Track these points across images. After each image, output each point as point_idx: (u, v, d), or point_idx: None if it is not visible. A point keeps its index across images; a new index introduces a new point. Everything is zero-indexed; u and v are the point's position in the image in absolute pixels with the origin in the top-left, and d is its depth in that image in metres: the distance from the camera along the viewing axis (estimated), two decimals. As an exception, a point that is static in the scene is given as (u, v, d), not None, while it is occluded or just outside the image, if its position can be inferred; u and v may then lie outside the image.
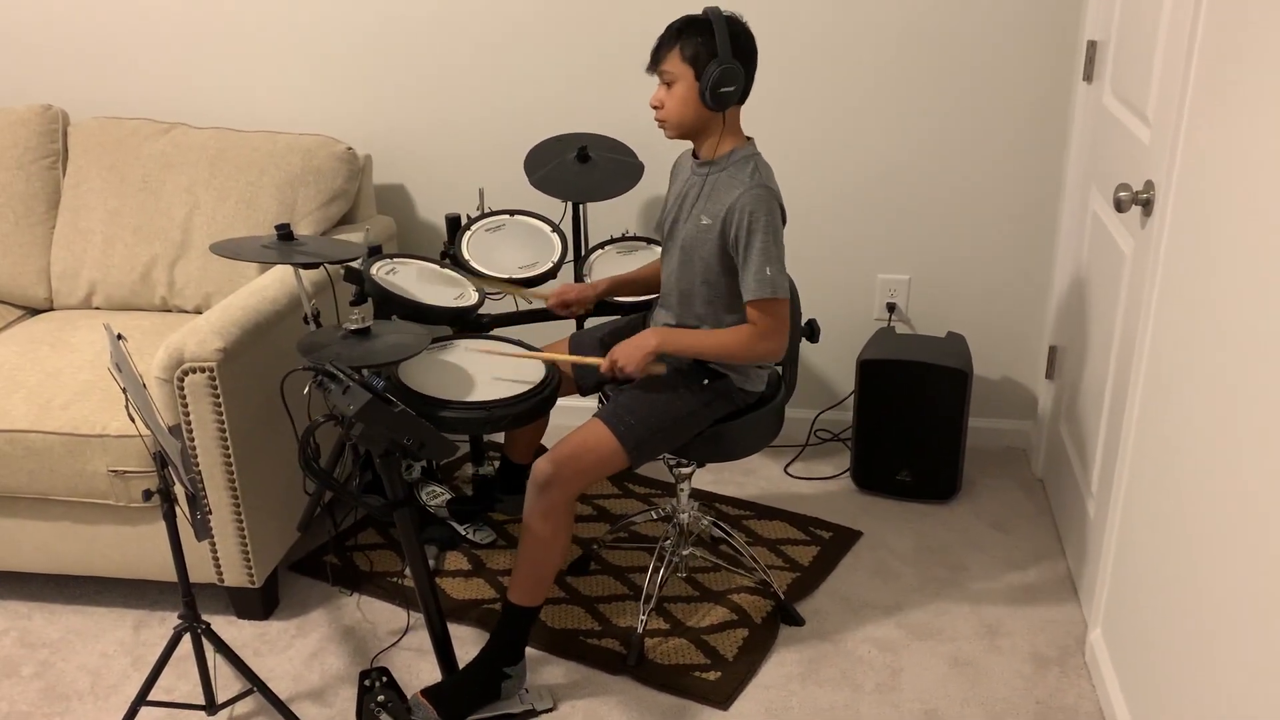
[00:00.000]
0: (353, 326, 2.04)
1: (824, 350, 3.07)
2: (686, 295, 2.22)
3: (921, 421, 2.81)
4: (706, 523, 2.57)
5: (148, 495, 1.91)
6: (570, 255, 2.68)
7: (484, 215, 2.68)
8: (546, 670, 2.29)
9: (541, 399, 2.16)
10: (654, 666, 2.28)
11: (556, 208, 2.74)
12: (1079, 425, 2.55)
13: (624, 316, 2.50)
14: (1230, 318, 1.61)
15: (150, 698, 2.03)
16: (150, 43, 3.05)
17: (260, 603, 2.45)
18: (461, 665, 2.18)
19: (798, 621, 2.42)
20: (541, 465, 2.08)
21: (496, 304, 2.59)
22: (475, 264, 2.54)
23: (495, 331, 2.47)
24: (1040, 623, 2.41)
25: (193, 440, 2.23)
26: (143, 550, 2.38)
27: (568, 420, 2.45)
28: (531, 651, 2.28)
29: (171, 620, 2.07)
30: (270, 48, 3.02)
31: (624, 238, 2.76)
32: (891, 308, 3.05)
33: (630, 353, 2.13)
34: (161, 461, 1.90)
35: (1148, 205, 2.01)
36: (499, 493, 2.71)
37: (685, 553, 2.52)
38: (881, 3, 2.76)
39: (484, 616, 2.42)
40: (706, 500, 2.86)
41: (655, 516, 2.69)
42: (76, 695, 2.26)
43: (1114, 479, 2.15)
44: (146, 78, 3.08)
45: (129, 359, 1.88)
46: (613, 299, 2.49)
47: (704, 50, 2.04)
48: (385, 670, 2.15)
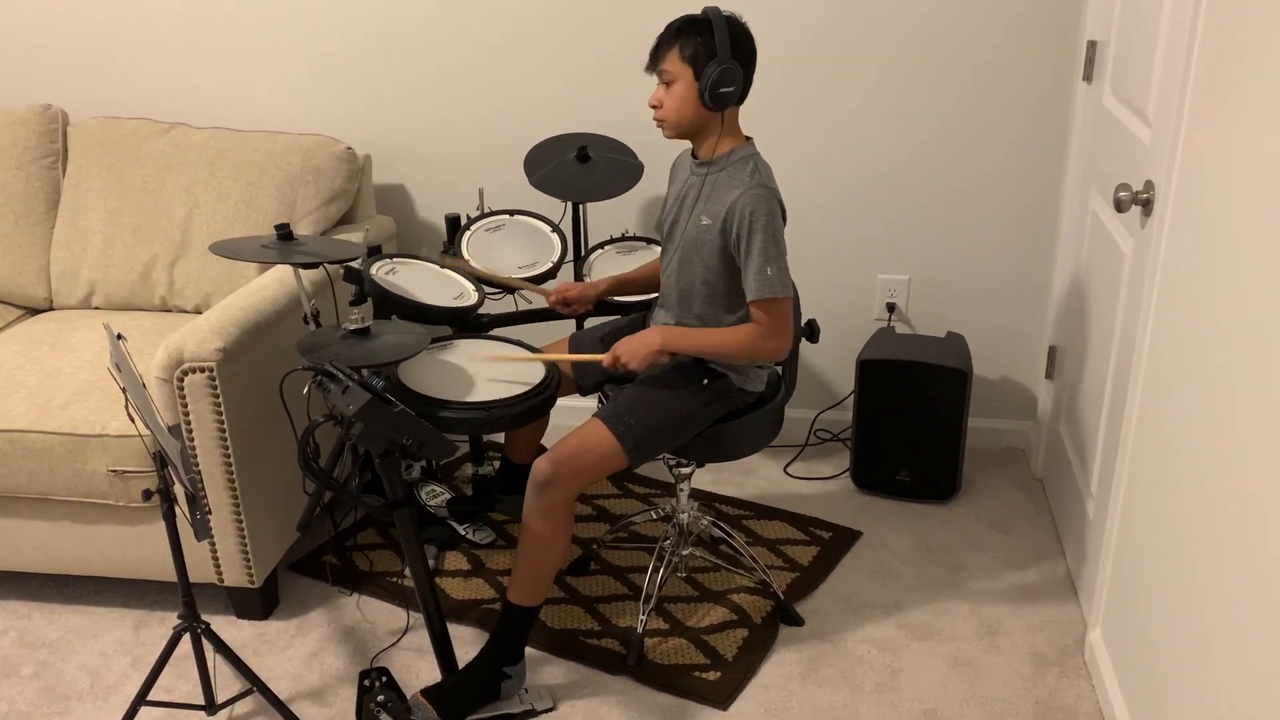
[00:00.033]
0: (352, 326, 2.04)
1: (824, 350, 3.07)
2: (686, 295, 2.22)
3: (921, 421, 2.81)
4: (706, 523, 2.57)
5: (147, 495, 1.91)
6: (570, 255, 2.68)
7: (484, 215, 2.68)
8: (546, 670, 2.29)
9: (541, 399, 2.16)
10: (654, 666, 2.28)
11: (556, 208, 2.74)
12: (1079, 425, 2.55)
13: (623, 316, 2.50)
14: (1230, 318, 1.61)
15: (150, 698, 2.03)
16: (150, 43, 3.05)
17: (260, 603, 2.45)
18: (461, 665, 2.18)
19: (797, 621, 2.42)
20: (541, 465, 2.08)
21: (496, 304, 2.59)
22: (475, 264, 2.54)
23: (495, 331, 2.47)
24: (1040, 623, 2.41)
25: (192, 440, 2.23)
26: (142, 550, 2.38)
27: (568, 420, 2.45)
28: (531, 651, 2.28)
29: (171, 620, 2.07)
30: (270, 48, 3.02)
31: (624, 238, 2.76)
32: (891, 308, 3.05)
33: (635, 349, 2.13)
34: (161, 461, 1.90)
35: (1148, 205, 2.01)
36: (499, 493, 2.71)
37: (685, 553, 2.52)
38: (881, 3, 2.76)
39: (484, 616, 2.42)
40: (706, 500, 2.86)
41: (655, 516, 2.69)
42: (76, 695, 2.26)
43: (1113, 479, 2.15)
44: (146, 78, 3.08)
45: (129, 359, 1.88)
46: (613, 299, 2.49)
47: (703, 50, 2.03)
48: (385, 670, 2.15)
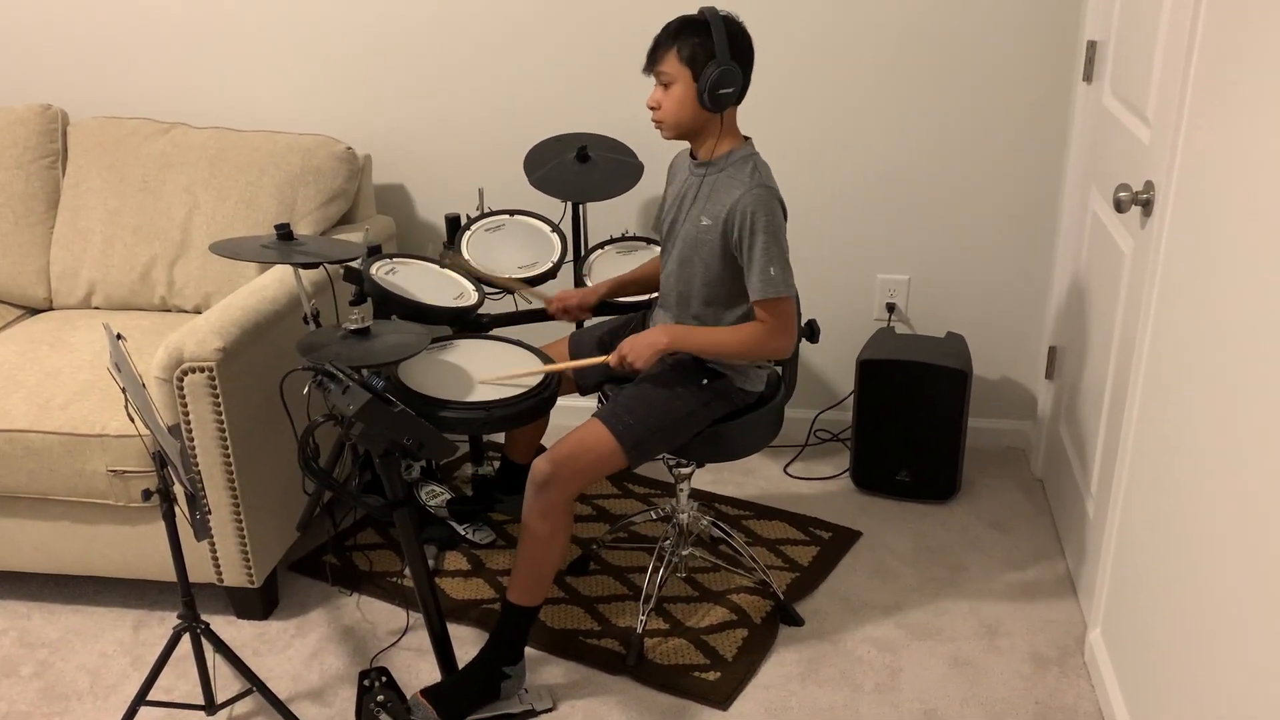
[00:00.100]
0: (352, 326, 2.04)
1: (824, 350, 3.07)
2: (685, 295, 2.22)
3: (921, 422, 2.81)
4: (706, 523, 2.57)
5: (147, 495, 1.91)
6: (570, 255, 2.68)
7: (484, 215, 2.68)
8: (546, 670, 2.28)
9: (541, 399, 2.16)
10: (653, 666, 2.28)
11: (556, 208, 2.74)
12: (1078, 425, 2.55)
13: (621, 316, 2.50)
14: (1230, 318, 1.61)
15: (149, 697, 2.03)
16: (150, 43, 3.05)
17: (259, 603, 2.45)
18: (461, 665, 2.18)
19: (797, 621, 2.42)
20: (540, 465, 2.08)
21: (496, 304, 2.59)
22: (475, 264, 2.54)
23: (495, 331, 2.46)
24: (1040, 623, 2.41)
25: (192, 440, 2.23)
26: (142, 550, 2.38)
27: (567, 420, 2.45)
28: (531, 651, 2.28)
29: (171, 620, 2.07)
30: (270, 48, 3.02)
31: (624, 238, 2.76)
32: (891, 308, 3.05)
33: (640, 349, 2.13)
34: (161, 461, 1.90)
35: (1147, 205, 2.01)
36: (499, 493, 2.71)
37: (685, 553, 2.52)
38: (881, 3, 2.76)
39: (483, 616, 2.42)
40: (706, 500, 2.86)
41: (655, 516, 2.69)
42: (76, 695, 2.26)
43: (1113, 479, 2.15)
44: (146, 78, 3.08)
45: (128, 359, 1.88)
46: (613, 299, 2.49)
47: (701, 51, 2.03)
48: (385, 670, 2.15)
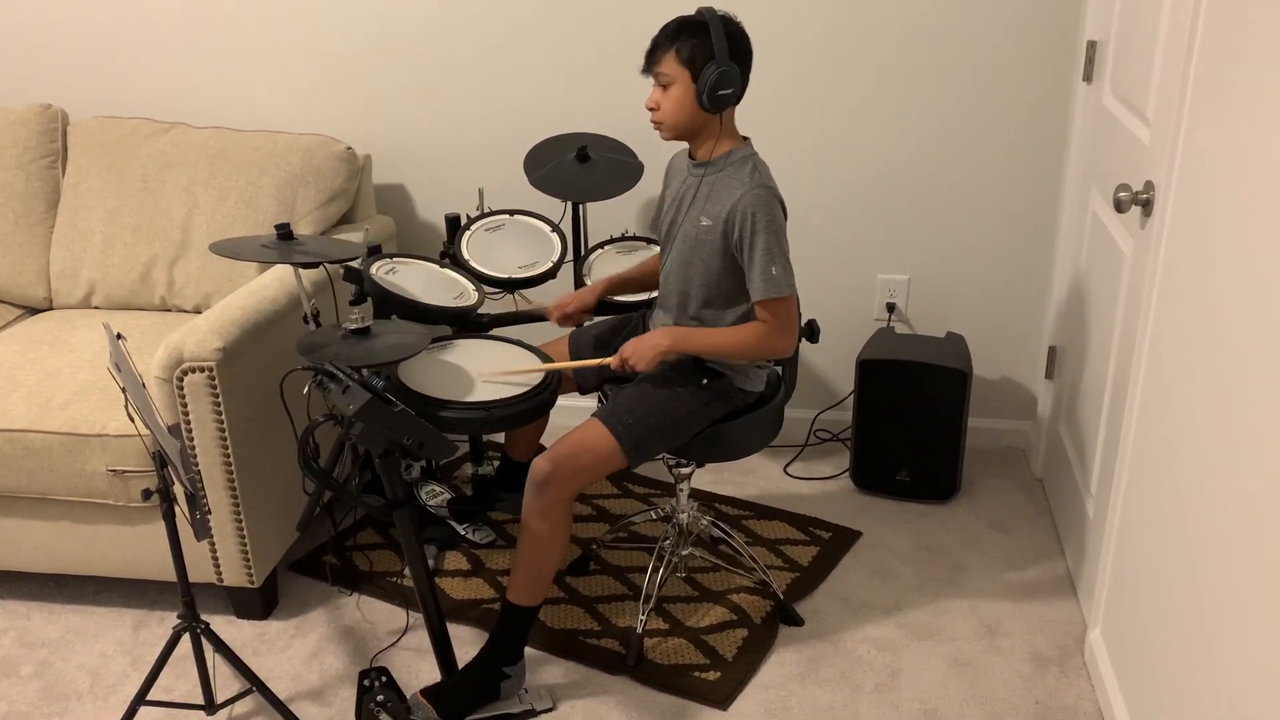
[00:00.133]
0: (352, 326, 2.04)
1: (824, 350, 3.07)
2: (685, 296, 2.21)
3: (921, 422, 2.81)
4: (706, 523, 2.57)
5: (147, 495, 1.91)
6: (570, 255, 2.68)
7: (484, 215, 2.68)
8: (546, 670, 2.28)
9: (541, 399, 2.16)
10: (653, 666, 2.28)
11: (556, 208, 2.74)
12: (1078, 425, 2.55)
13: (620, 316, 2.50)
14: (1230, 318, 1.61)
15: (149, 697, 2.03)
16: (150, 43, 3.05)
17: (259, 602, 2.45)
18: (461, 665, 2.18)
19: (797, 621, 2.42)
20: (540, 464, 2.08)
21: (496, 304, 2.59)
22: (475, 264, 2.54)
23: (495, 331, 2.46)
24: (1039, 623, 2.41)
25: (192, 440, 2.23)
26: (142, 550, 2.38)
27: (567, 420, 2.45)
28: (531, 651, 2.28)
29: (171, 620, 2.07)
30: (270, 48, 3.02)
31: (624, 238, 2.76)
32: (891, 308, 3.05)
33: (642, 351, 2.13)
34: (161, 461, 1.90)
35: (1147, 205, 2.01)
36: (501, 491, 2.71)
37: (685, 553, 2.52)
38: (881, 3, 2.76)
39: (483, 616, 2.42)
40: (706, 500, 2.86)
41: (655, 516, 2.69)
42: (76, 695, 2.26)
43: (1113, 479, 2.15)
44: (146, 78, 3.08)
45: (128, 358, 1.88)
46: (613, 299, 2.49)
47: (700, 52, 2.03)
48: (385, 670, 2.15)
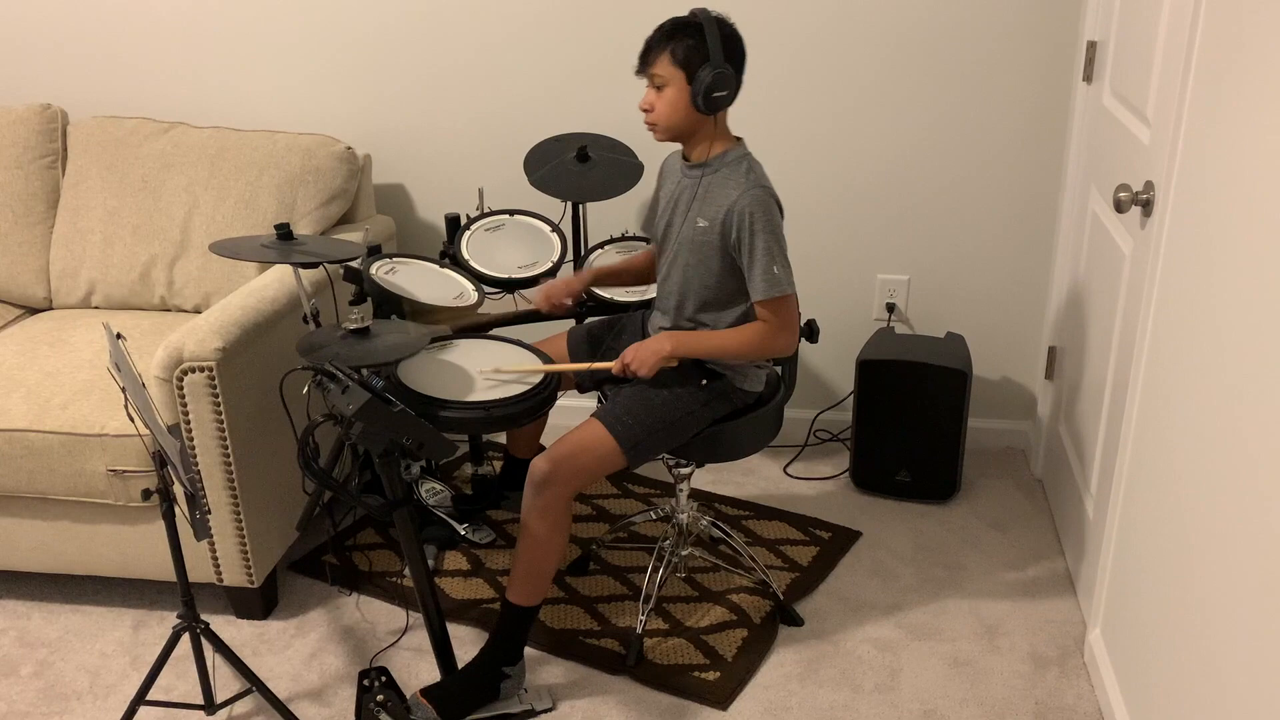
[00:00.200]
0: (352, 326, 2.04)
1: (823, 350, 3.07)
2: (683, 297, 2.21)
3: (921, 422, 2.81)
4: (705, 523, 2.57)
5: (147, 495, 1.91)
6: (570, 255, 2.68)
7: (483, 215, 2.68)
8: (546, 670, 2.29)
9: (541, 399, 2.15)
10: (653, 666, 2.28)
11: (556, 207, 2.74)
12: (1078, 425, 2.55)
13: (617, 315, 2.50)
14: (1230, 318, 1.61)
15: (149, 697, 2.03)
16: (150, 43, 3.05)
17: (259, 602, 2.44)
18: (461, 665, 2.18)
19: (797, 622, 2.42)
20: (539, 464, 2.08)
21: (496, 304, 2.59)
22: (475, 264, 2.54)
23: (495, 331, 2.46)
24: (1039, 622, 2.41)
25: (192, 440, 2.23)
26: (141, 550, 2.38)
27: (567, 420, 2.45)
28: (531, 651, 2.28)
29: (170, 620, 2.07)
30: (270, 48, 3.02)
31: (623, 237, 2.76)
32: (891, 308, 3.05)
33: (644, 357, 2.13)
34: (160, 461, 1.90)
35: (1147, 205, 2.01)
36: (504, 489, 2.71)
37: (684, 553, 2.52)
38: (881, 3, 2.76)
39: (483, 616, 2.42)
40: (706, 500, 2.86)
41: (654, 516, 2.69)
42: (75, 695, 2.26)
43: (1113, 479, 2.15)
44: (146, 77, 3.08)
45: (128, 358, 1.88)
46: (613, 299, 2.48)
47: (695, 54, 2.02)
48: (384, 670, 2.15)
